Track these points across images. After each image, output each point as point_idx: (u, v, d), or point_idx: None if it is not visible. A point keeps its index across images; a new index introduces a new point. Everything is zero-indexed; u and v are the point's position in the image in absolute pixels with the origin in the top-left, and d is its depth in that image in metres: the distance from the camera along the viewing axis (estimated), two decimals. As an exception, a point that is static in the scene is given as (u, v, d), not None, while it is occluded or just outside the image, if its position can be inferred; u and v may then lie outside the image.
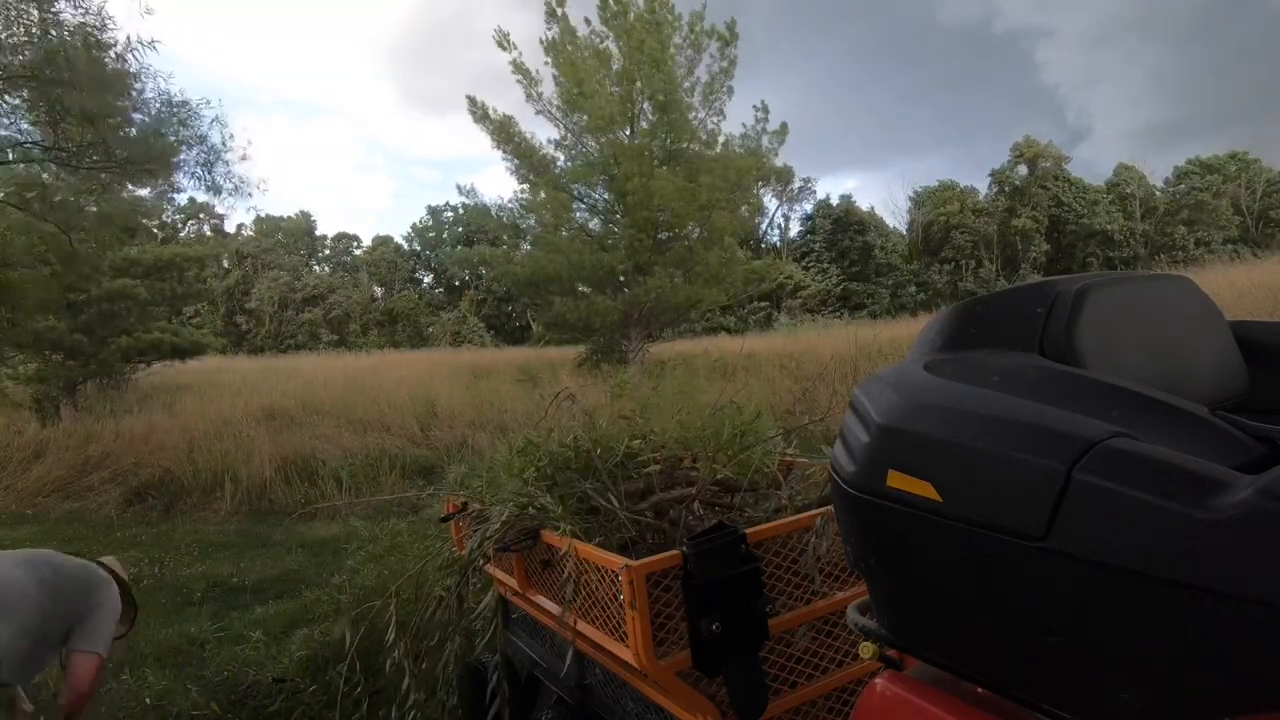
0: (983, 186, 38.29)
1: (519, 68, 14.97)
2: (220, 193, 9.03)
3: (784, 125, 15.98)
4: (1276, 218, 34.06)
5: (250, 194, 9.29)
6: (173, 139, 8.26)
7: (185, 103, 8.36)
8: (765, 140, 15.94)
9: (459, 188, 37.16)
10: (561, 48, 14.75)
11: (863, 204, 38.55)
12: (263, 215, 41.43)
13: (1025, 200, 35.83)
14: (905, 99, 73.53)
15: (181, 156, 8.54)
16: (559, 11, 14.81)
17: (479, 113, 15.05)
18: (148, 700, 3.33)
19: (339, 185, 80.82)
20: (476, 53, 77.33)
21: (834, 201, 38.28)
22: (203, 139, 8.52)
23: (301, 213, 43.79)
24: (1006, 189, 37.14)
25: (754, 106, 16.05)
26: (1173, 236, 33.88)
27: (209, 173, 8.77)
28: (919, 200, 38.34)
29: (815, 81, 74.02)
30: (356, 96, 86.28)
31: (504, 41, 14.77)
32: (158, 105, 8.15)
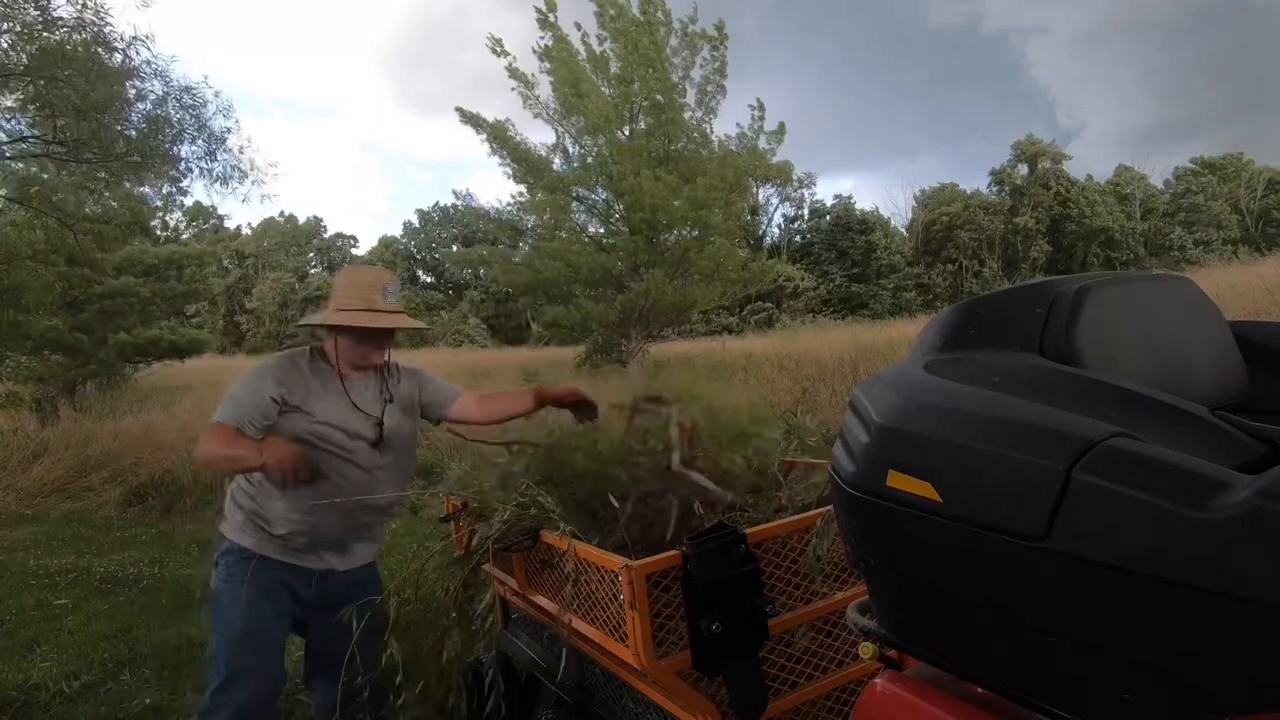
0: (978, 186, 38.35)
1: (514, 73, 15.00)
2: (226, 183, 8.90)
3: (781, 125, 16.07)
4: (1278, 218, 34.08)
5: (264, 180, 9.09)
6: (172, 129, 8.20)
7: (189, 88, 8.26)
8: (763, 140, 15.97)
9: (455, 192, 37.37)
10: (556, 54, 14.78)
11: (859, 205, 38.53)
12: (277, 215, 41.65)
13: (1027, 200, 35.85)
14: (896, 101, 74.32)
15: (183, 150, 8.48)
16: (550, 18, 14.84)
17: (471, 120, 15.06)
18: (148, 701, 3.33)
19: (335, 186, 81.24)
20: (471, 55, 77.84)
21: (829, 202, 38.34)
22: (207, 128, 8.44)
23: (313, 217, 44.07)
24: (1008, 188, 37.17)
25: (750, 105, 16.09)
26: (1170, 237, 33.91)
27: (212, 161, 8.66)
28: (923, 200, 38.34)
29: (806, 84, 74.74)
30: (352, 99, 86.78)
31: (497, 48, 14.81)
32: (158, 96, 8.09)
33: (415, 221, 43.94)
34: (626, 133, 15.17)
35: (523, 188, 16.26)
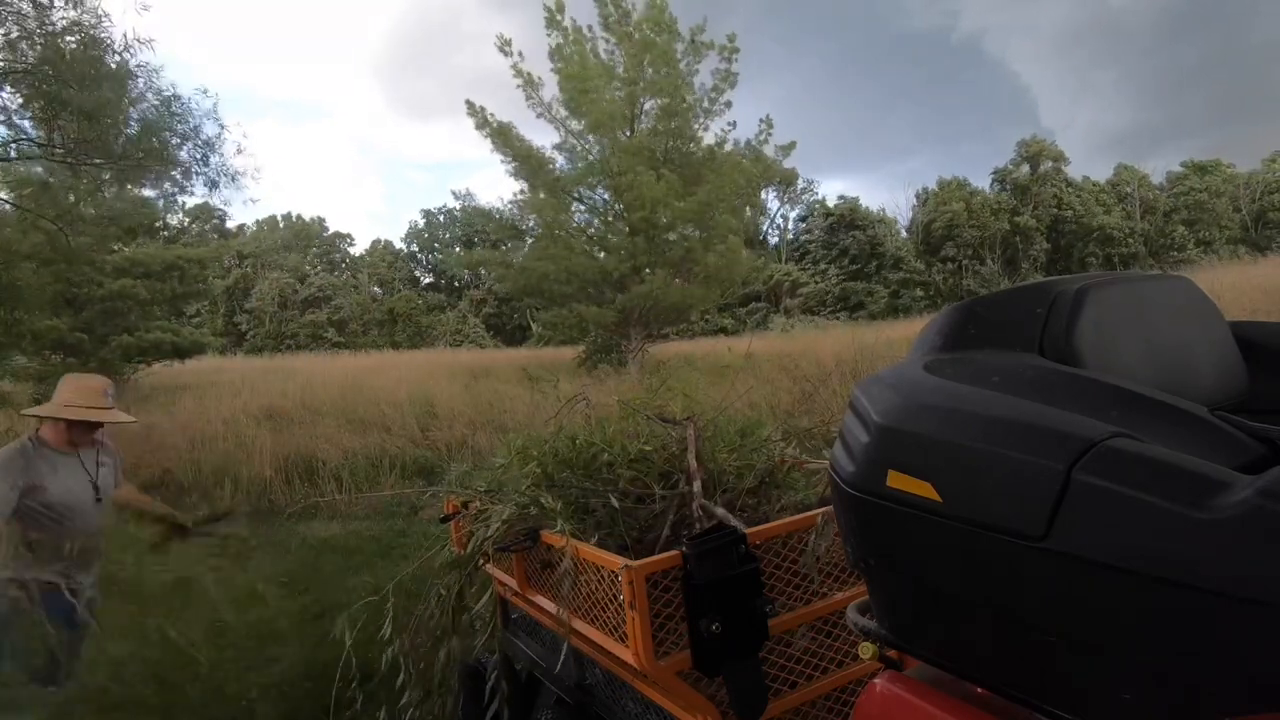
0: (979, 185, 38.42)
1: (520, 72, 15.05)
2: (217, 186, 9.01)
3: (793, 143, 16.41)
4: (1275, 219, 34.16)
5: (245, 186, 9.27)
6: (167, 133, 8.25)
7: (177, 96, 8.34)
8: (771, 150, 16.15)
9: (454, 193, 37.45)
10: (563, 52, 14.84)
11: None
12: (279, 216, 41.64)
13: (1028, 199, 35.93)
14: (883, 103, 74.94)
15: (179, 153, 8.52)
16: (558, 18, 14.89)
17: (479, 118, 15.09)
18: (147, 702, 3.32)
19: (331, 188, 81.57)
20: (463, 58, 78.15)
21: (831, 203, 38.36)
22: (197, 132, 8.51)
23: (316, 217, 44.02)
24: (1009, 187, 37.26)
25: (760, 120, 16.26)
26: (1172, 237, 33.96)
27: (204, 165, 8.75)
28: (923, 198, 38.36)
29: (795, 88, 75.28)
30: (347, 101, 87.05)
31: (505, 47, 14.88)
32: (154, 102, 8.14)
33: (420, 222, 43.98)
34: (628, 133, 15.22)
35: (523, 185, 16.33)
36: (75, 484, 2.81)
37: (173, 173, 8.92)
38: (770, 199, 37.73)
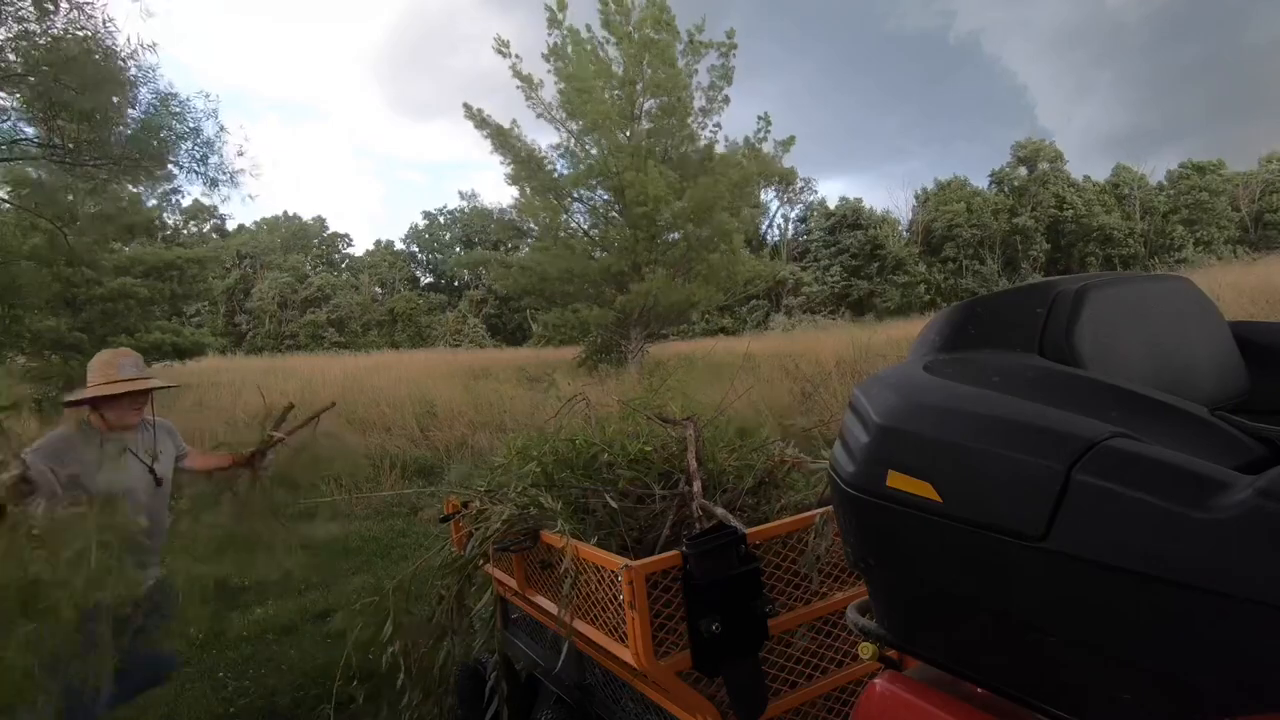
0: (978, 185, 38.41)
1: (518, 73, 15.05)
2: (216, 185, 9.03)
3: (791, 138, 16.39)
4: (1273, 219, 34.20)
5: (241, 183, 9.25)
6: (165, 133, 8.27)
7: (175, 94, 8.37)
8: (770, 147, 16.17)
9: (460, 193, 37.45)
10: (562, 52, 14.85)
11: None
12: (279, 216, 41.66)
13: (1026, 200, 35.96)
14: (880, 103, 75.10)
15: (176, 153, 8.55)
16: (560, 16, 14.91)
17: (477, 119, 15.10)
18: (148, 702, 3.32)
19: (329, 189, 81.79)
20: (460, 60, 78.33)
21: (831, 204, 38.38)
22: (197, 132, 8.54)
23: (316, 217, 44.03)
24: (1007, 189, 37.29)
25: (758, 117, 16.29)
26: (1171, 237, 33.97)
27: (203, 165, 8.77)
28: (924, 199, 38.35)
29: (792, 88, 75.42)
30: (345, 102, 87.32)
31: (503, 48, 14.88)
32: (153, 102, 8.16)
33: (421, 222, 44.00)
34: (628, 134, 15.24)
35: (519, 189, 16.36)
36: (127, 472, 2.58)
37: (171, 169, 8.93)
38: (770, 198, 37.75)
